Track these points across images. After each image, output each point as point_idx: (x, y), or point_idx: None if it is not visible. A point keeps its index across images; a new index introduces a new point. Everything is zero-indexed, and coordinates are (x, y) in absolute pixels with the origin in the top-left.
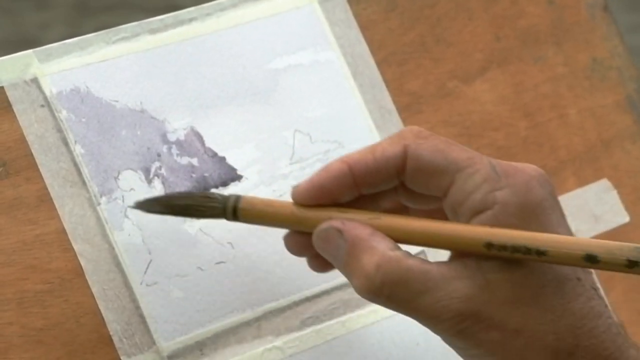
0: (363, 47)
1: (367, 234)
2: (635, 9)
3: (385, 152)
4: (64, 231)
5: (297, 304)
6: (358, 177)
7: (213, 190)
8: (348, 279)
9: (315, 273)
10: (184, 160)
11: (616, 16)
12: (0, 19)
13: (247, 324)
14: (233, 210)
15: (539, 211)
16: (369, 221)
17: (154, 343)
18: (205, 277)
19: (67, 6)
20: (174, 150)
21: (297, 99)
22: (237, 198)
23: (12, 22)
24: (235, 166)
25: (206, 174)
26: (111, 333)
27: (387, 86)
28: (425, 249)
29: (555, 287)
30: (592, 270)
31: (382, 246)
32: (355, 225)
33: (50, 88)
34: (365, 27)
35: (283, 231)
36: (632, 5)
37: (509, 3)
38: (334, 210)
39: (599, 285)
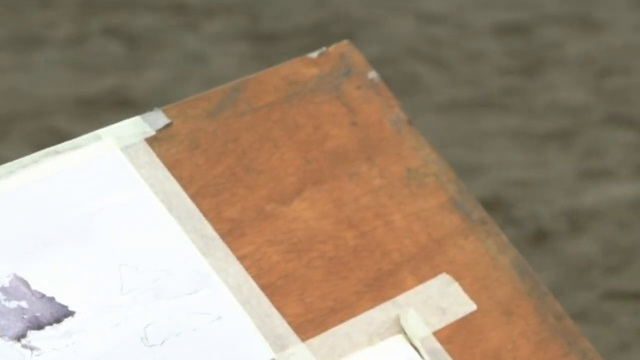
0: (173, 184)
1: None
2: None
3: None
4: None
5: None
6: None
7: (47, 327)
8: None
9: None
10: (13, 304)
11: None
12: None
13: None
14: None
15: None
16: None
17: None
18: None
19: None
20: (0, 296)
21: (116, 236)
22: None
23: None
24: (65, 303)
25: (37, 314)
26: None
27: (206, 216)
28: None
29: None
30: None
31: None
32: None
33: None
34: (172, 166)
35: (127, 357)
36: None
37: (312, 129)
38: None
39: None
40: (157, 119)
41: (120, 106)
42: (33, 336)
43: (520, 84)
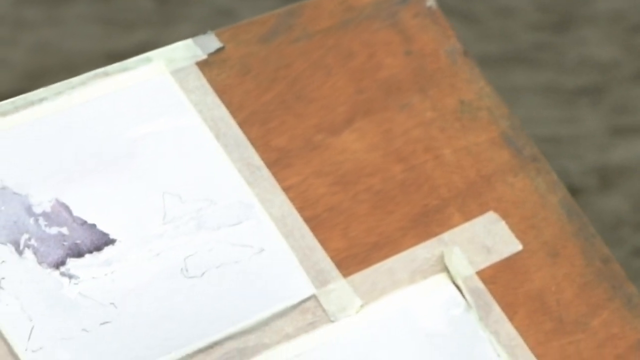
0: (222, 110)
1: None
2: None
3: None
4: None
5: (190, 356)
6: None
7: (87, 255)
8: None
9: (205, 325)
10: (53, 230)
11: None
12: None
13: None
14: None
15: None
16: None
17: None
18: (92, 338)
19: None
20: (42, 222)
21: (161, 163)
22: None
23: None
24: (106, 231)
25: (78, 241)
26: None
27: (253, 144)
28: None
29: None
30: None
31: None
32: None
33: None
34: (222, 91)
35: (166, 288)
36: None
37: (366, 57)
38: None
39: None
40: (209, 42)
41: None
42: (72, 264)
43: (550, 40)
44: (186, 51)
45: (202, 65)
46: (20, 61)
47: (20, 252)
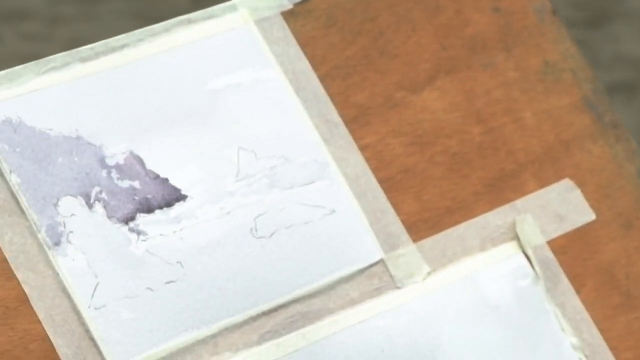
0: (304, 63)
1: None
2: None
3: None
4: (5, 260)
5: (254, 318)
6: None
7: (157, 211)
8: None
9: (270, 287)
10: (125, 183)
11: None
12: None
13: (202, 341)
14: None
15: None
16: None
17: None
18: (156, 297)
19: None
20: (114, 174)
21: (239, 117)
22: None
23: None
24: (178, 186)
25: (149, 196)
26: (62, 358)
27: (333, 100)
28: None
29: None
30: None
31: None
32: None
33: None
34: (305, 44)
35: (234, 248)
36: None
37: (453, 12)
38: None
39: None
40: None
41: None
42: (141, 219)
43: (584, 36)
44: (272, 0)
45: (287, 15)
46: None
47: (90, 206)
